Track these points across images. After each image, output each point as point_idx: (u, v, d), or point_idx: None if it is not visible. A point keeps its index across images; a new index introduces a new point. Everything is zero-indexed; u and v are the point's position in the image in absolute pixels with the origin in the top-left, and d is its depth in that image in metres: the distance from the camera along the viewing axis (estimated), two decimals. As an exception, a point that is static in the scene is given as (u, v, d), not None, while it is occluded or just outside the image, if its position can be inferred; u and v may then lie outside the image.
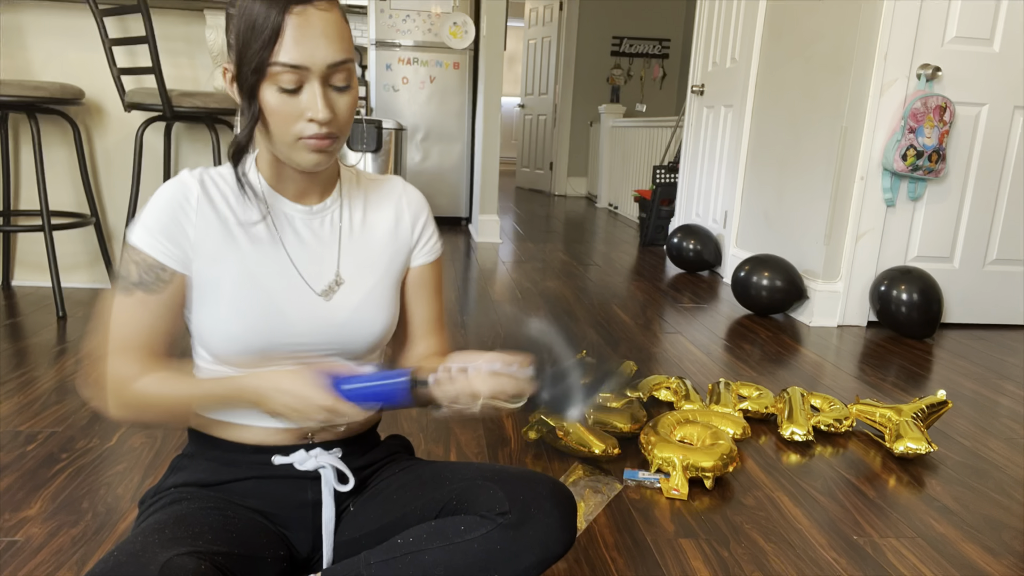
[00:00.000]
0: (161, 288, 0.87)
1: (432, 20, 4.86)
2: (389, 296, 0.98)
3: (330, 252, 0.93)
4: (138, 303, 0.87)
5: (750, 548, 1.32)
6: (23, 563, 1.16)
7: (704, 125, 4.19)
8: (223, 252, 0.88)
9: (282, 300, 0.89)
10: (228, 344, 0.88)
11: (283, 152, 0.85)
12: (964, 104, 2.80)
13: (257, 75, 0.79)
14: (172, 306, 0.88)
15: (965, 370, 2.44)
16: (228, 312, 0.88)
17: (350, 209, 0.96)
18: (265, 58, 0.78)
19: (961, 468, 1.70)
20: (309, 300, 0.91)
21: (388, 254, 0.98)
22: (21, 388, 1.87)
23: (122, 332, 0.87)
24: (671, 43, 7.66)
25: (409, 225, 1.00)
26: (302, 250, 0.92)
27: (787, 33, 3.28)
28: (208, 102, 2.50)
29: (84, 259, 2.91)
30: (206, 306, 0.88)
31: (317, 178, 0.93)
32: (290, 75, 0.79)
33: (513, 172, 9.23)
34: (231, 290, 0.88)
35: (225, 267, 0.88)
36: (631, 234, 5.30)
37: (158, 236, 0.86)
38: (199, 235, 0.87)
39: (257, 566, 0.84)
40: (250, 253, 0.89)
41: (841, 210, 2.87)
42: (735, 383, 2.07)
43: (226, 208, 0.89)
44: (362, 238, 0.96)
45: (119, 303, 0.87)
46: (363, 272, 0.95)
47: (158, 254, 0.86)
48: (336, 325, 0.92)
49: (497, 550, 0.82)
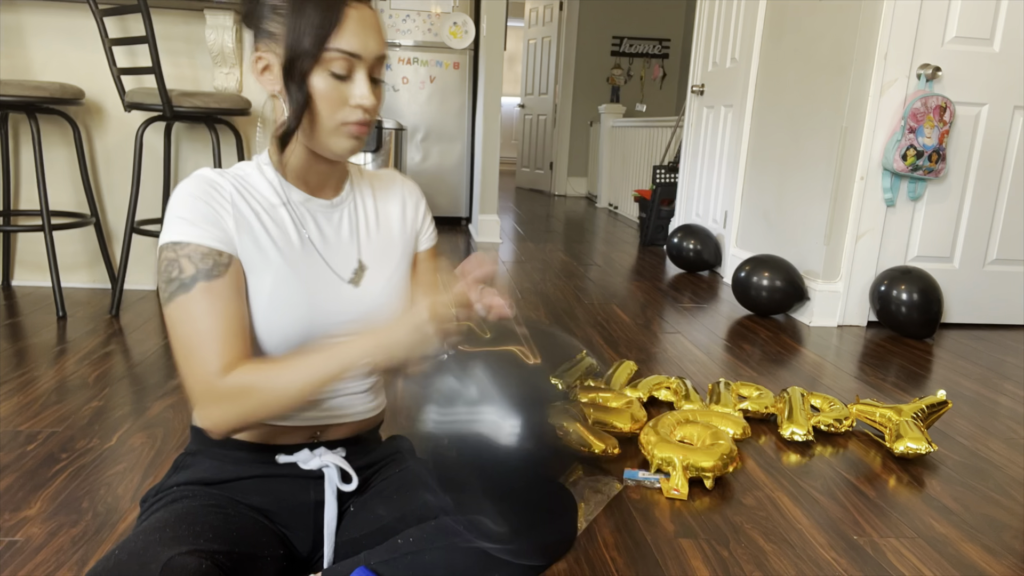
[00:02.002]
0: (221, 271, 0.83)
1: (432, 20, 4.86)
2: (406, 280, 1.01)
3: (350, 242, 0.96)
4: (203, 294, 0.81)
5: (750, 548, 1.32)
6: (23, 563, 1.16)
7: (704, 125, 4.19)
8: (259, 244, 0.88)
9: (317, 290, 0.91)
10: (266, 336, 0.88)
11: (321, 139, 0.86)
12: (964, 104, 2.80)
13: (313, 60, 0.82)
14: (238, 288, 0.85)
15: (965, 370, 2.43)
16: (267, 304, 0.87)
17: (363, 200, 1.00)
18: (323, 44, 0.81)
19: (961, 468, 1.70)
20: (340, 288, 0.93)
21: (400, 240, 1.02)
22: (21, 388, 1.87)
23: (210, 330, 0.80)
24: (671, 43, 7.66)
25: (413, 212, 1.05)
26: (325, 242, 0.94)
27: (787, 33, 3.28)
28: (208, 102, 2.50)
29: (84, 259, 2.91)
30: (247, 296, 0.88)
31: (334, 172, 0.95)
32: (343, 62, 0.83)
33: (513, 172, 9.24)
34: (270, 282, 0.88)
35: (263, 259, 0.88)
36: (631, 234, 5.30)
37: (201, 224, 0.83)
38: (236, 226, 0.86)
39: (258, 565, 0.84)
40: (283, 246, 0.89)
41: (841, 210, 2.87)
42: (735, 383, 2.07)
43: (254, 203, 0.89)
44: (377, 228, 1.00)
45: (181, 306, 0.81)
46: (382, 259, 0.98)
47: (208, 240, 0.83)
48: (365, 311, 0.94)
49: (497, 550, 0.82)
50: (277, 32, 0.83)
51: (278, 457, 0.93)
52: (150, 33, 2.30)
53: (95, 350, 2.18)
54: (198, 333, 0.80)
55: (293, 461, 0.93)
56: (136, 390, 1.90)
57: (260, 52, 0.86)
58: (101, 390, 1.89)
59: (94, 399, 1.83)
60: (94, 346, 2.21)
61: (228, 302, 0.82)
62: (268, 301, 0.87)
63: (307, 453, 0.94)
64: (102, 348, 2.20)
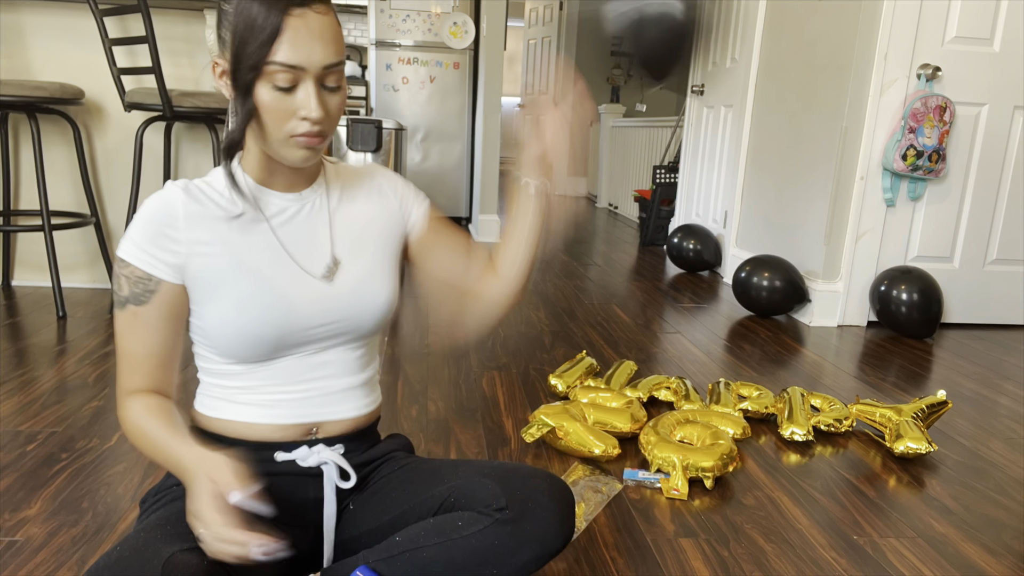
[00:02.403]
0: (153, 299, 0.87)
1: (432, 20, 4.86)
2: (387, 270, 0.99)
3: (322, 235, 0.95)
4: (132, 317, 0.88)
5: (750, 548, 1.32)
6: (23, 563, 1.16)
7: (704, 125, 4.19)
8: (219, 251, 0.88)
9: (285, 288, 0.90)
10: (239, 340, 0.89)
11: (273, 148, 0.86)
12: (964, 104, 2.80)
13: (253, 73, 0.80)
14: (169, 316, 0.89)
15: (965, 370, 2.43)
16: (234, 308, 0.88)
17: (336, 195, 0.98)
18: (263, 57, 0.79)
19: (961, 468, 1.70)
20: (310, 284, 0.92)
21: (377, 228, 1.00)
22: (21, 388, 1.87)
23: (128, 349, 0.89)
24: (671, 43, 7.65)
25: (390, 197, 1.02)
26: (295, 238, 0.93)
27: (787, 33, 3.28)
28: (208, 102, 2.50)
29: (84, 259, 2.91)
30: (211, 305, 0.88)
31: (301, 171, 0.94)
32: (286, 74, 0.81)
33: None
34: (234, 286, 0.88)
35: (224, 265, 0.88)
36: (631, 234, 5.30)
37: (145, 247, 0.87)
38: (191, 238, 0.87)
39: (258, 562, 0.84)
40: (246, 248, 0.89)
41: (841, 210, 2.87)
42: (735, 383, 2.07)
43: (215, 207, 0.90)
44: (350, 219, 0.98)
45: (117, 319, 0.89)
46: (357, 250, 0.97)
47: (145, 265, 0.87)
48: (341, 305, 0.94)
49: (495, 545, 0.82)
50: (227, 39, 0.82)
51: (276, 454, 0.93)
52: (150, 33, 2.30)
53: (95, 350, 2.18)
54: (120, 350, 0.90)
55: (291, 459, 0.93)
56: (136, 390, 1.90)
57: (217, 57, 0.86)
58: (101, 390, 1.89)
59: (94, 399, 1.83)
60: (94, 346, 2.21)
61: (152, 330, 0.88)
62: (237, 307, 0.88)
63: (305, 450, 0.94)
64: (102, 348, 2.20)
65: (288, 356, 0.93)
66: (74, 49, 2.75)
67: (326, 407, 0.96)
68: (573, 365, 2.10)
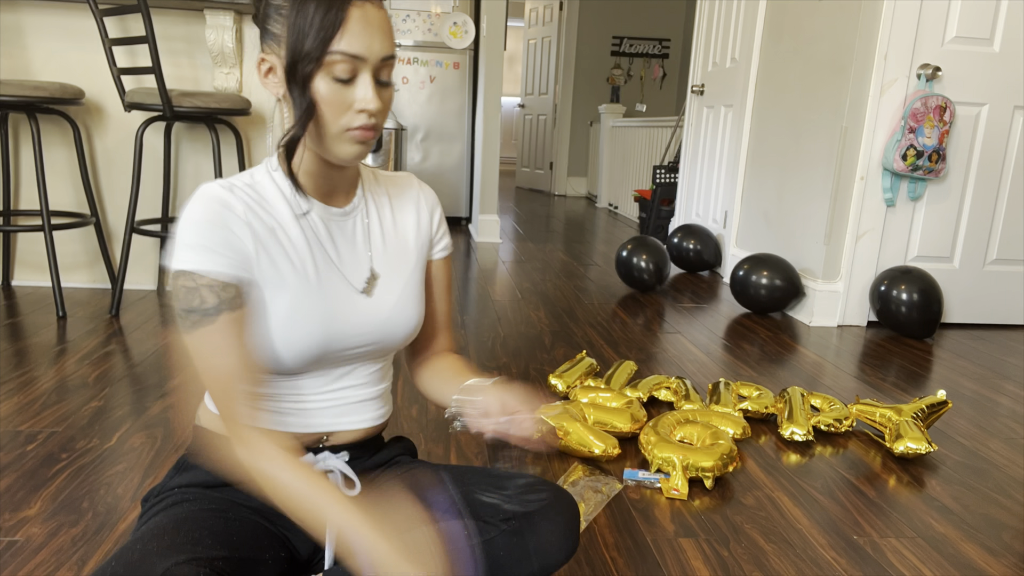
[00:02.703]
0: (243, 301, 0.83)
1: (432, 20, 4.86)
2: (419, 290, 1.00)
3: (362, 250, 0.94)
4: (228, 325, 0.81)
5: (750, 548, 1.32)
6: (23, 563, 1.16)
7: (704, 125, 4.19)
8: (276, 261, 0.86)
9: (333, 301, 0.89)
10: (284, 350, 0.86)
11: (326, 144, 0.84)
12: (964, 104, 2.80)
13: (315, 64, 0.79)
14: (257, 313, 0.85)
15: (965, 370, 2.43)
16: (287, 318, 0.86)
17: (376, 207, 0.98)
18: (326, 47, 0.79)
19: (961, 468, 1.70)
20: (354, 299, 0.91)
21: (414, 249, 1.00)
22: (21, 388, 1.87)
23: (221, 364, 0.81)
24: (671, 43, 7.66)
25: (428, 220, 1.02)
26: (337, 250, 0.92)
27: (787, 33, 3.28)
28: (208, 102, 2.50)
29: (84, 259, 2.91)
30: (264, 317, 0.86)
31: (344, 177, 0.92)
32: (347, 65, 0.80)
33: (513, 172, 9.24)
34: (289, 298, 0.86)
35: (280, 276, 0.86)
36: (631, 234, 5.30)
37: (218, 249, 0.81)
38: (254, 247, 0.85)
39: (258, 568, 0.84)
40: (298, 258, 0.88)
41: (841, 210, 2.87)
42: (735, 383, 2.07)
43: (266, 215, 0.87)
44: (391, 235, 0.98)
45: (206, 336, 0.80)
46: (396, 268, 0.97)
47: (227, 267, 0.82)
48: (380, 321, 0.93)
49: (500, 556, 0.82)
50: (279, 33, 0.81)
51: None
52: (150, 33, 2.30)
53: (95, 350, 2.18)
54: (223, 366, 0.81)
55: None
56: (136, 390, 1.90)
57: (264, 54, 0.84)
58: (101, 390, 1.89)
59: (94, 399, 1.83)
60: (94, 346, 2.21)
61: (249, 333, 0.84)
62: (287, 317, 0.86)
63: (311, 457, 0.93)
64: (102, 348, 2.20)
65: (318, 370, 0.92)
66: (74, 49, 2.75)
67: (340, 418, 0.95)
68: (573, 365, 2.10)
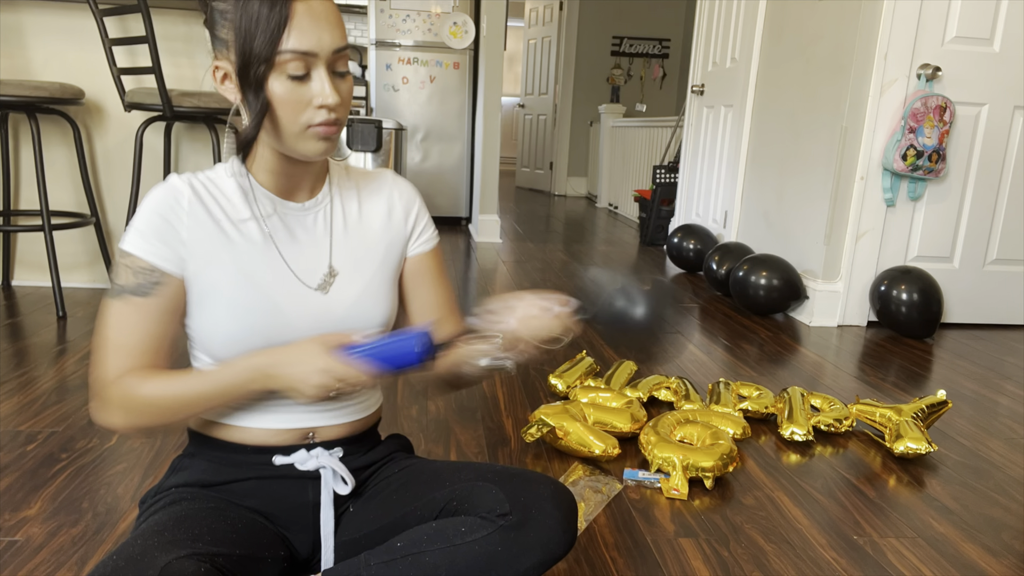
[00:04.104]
0: (156, 291, 0.86)
1: (432, 20, 4.86)
2: (387, 288, 0.98)
3: (322, 247, 0.93)
4: (134, 309, 0.86)
5: (750, 548, 1.32)
6: (23, 563, 1.16)
7: (704, 125, 4.19)
8: (218, 253, 0.87)
9: (279, 298, 0.89)
10: (229, 346, 0.88)
11: (289, 143, 0.84)
12: (964, 104, 2.80)
13: (265, 66, 0.79)
14: (169, 310, 0.88)
15: (965, 370, 2.43)
16: (226, 313, 0.87)
17: (342, 203, 0.97)
18: (274, 47, 0.78)
19: (961, 468, 1.70)
20: (305, 296, 0.91)
21: (383, 246, 0.98)
22: (21, 388, 1.87)
23: (120, 339, 0.86)
24: (671, 43, 7.66)
25: (402, 216, 1.01)
26: (294, 247, 0.92)
27: (787, 33, 3.28)
28: (208, 102, 2.50)
29: (84, 259, 2.92)
30: (204, 309, 0.88)
31: (309, 173, 0.92)
32: (299, 62, 0.80)
33: (513, 172, 9.23)
34: (229, 291, 0.87)
35: (221, 268, 0.87)
36: (631, 234, 5.30)
37: (151, 239, 0.85)
38: (192, 236, 0.87)
39: (258, 567, 0.84)
40: (244, 253, 0.89)
41: (841, 210, 2.87)
42: (735, 383, 2.07)
43: (217, 209, 0.89)
44: (356, 231, 0.97)
45: (115, 310, 0.86)
46: (359, 265, 0.95)
47: (152, 257, 0.85)
48: (335, 319, 0.92)
49: (498, 552, 0.82)
50: (227, 38, 0.81)
51: (275, 458, 0.93)
52: (150, 33, 2.30)
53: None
54: (111, 339, 0.86)
55: (290, 463, 0.93)
56: (136, 390, 1.90)
57: (216, 61, 0.84)
58: (101, 390, 1.89)
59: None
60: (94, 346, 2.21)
61: (154, 324, 0.87)
62: (229, 314, 0.87)
63: (304, 454, 0.93)
64: (102, 348, 2.20)
65: None
66: (74, 49, 2.75)
67: (321, 412, 0.95)
68: (573, 365, 2.10)
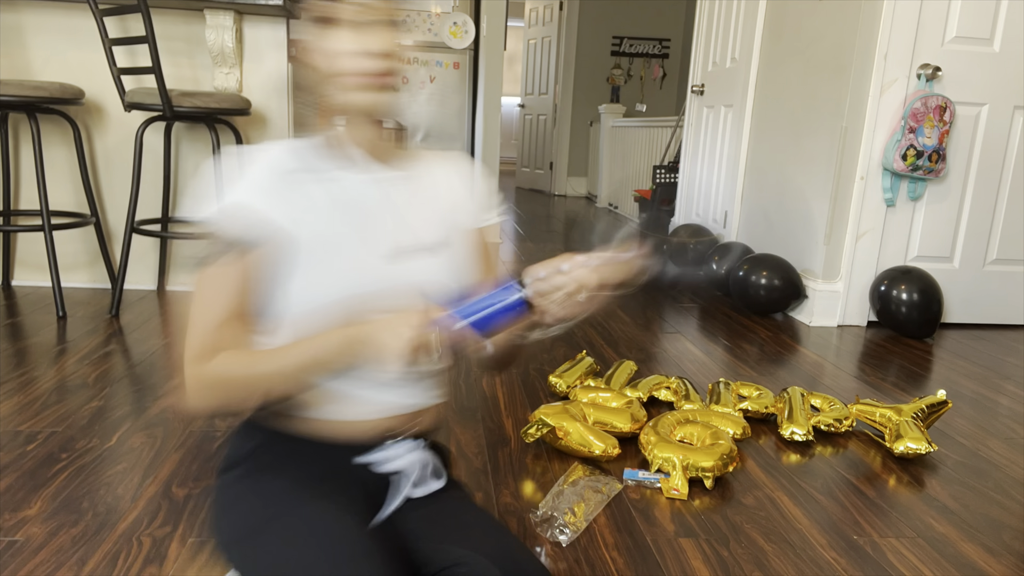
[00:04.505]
0: (264, 243, 0.84)
1: (432, 20, 4.87)
2: (462, 260, 0.98)
3: (402, 217, 0.93)
4: (235, 264, 0.83)
5: (750, 548, 1.32)
6: (23, 563, 1.16)
7: (704, 125, 4.19)
8: (311, 218, 0.87)
9: (373, 261, 0.89)
10: (323, 311, 0.85)
11: (348, 97, 0.88)
12: (964, 104, 2.80)
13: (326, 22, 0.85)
14: (269, 272, 0.85)
15: (965, 370, 2.43)
16: (314, 280, 0.86)
17: (413, 176, 0.97)
18: None
19: (961, 468, 1.70)
20: (379, 267, 0.90)
21: (451, 218, 0.98)
22: (21, 388, 1.87)
23: (211, 304, 0.82)
24: (671, 43, 7.66)
25: (467, 185, 1.02)
26: (372, 216, 0.91)
27: (787, 33, 3.28)
28: (208, 102, 2.50)
29: (84, 259, 2.91)
30: (300, 272, 0.86)
31: (379, 142, 0.93)
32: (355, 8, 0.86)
33: (513, 172, 9.23)
34: (321, 256, 0.86)
35: (314, 234, 0.86)
36: (631, 234, 5.30)
37: (262, 194, 0.85)
38: (296, 196, 0.86)
39: None
40: (335, 219, 0.88)
41: (841, 210, 2.87)
42: (735, 383, 2.07)
43: (304, 175, 0.89)
44: (427, 203, 0.97)
45: (210, 271, 0.83)
46: (431, 235, 0.95)
47: (264, 207, 0.84)
48: (412, 289, 0.90)
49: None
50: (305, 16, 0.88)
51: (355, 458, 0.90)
52: (150, 33, 2.30)
53: (95, 350, 2.18)
54: (209, 305, 0.82)
55: (371, 460, 0.90)
56: (136, 390, 1.90)
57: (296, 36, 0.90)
58: (101, 390, 1.89)
59: (94, 399, 1.83)
60: (94, 346, 2.21)
61: (255, 280, 0.84)
62: (315, 275, 0.86)
63: (387, 452, 0.91)
64: (102, 348, 2.20)
65: None
66: (74, 49, 2.75)
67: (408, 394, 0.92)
68: (573, 365, 2.10)
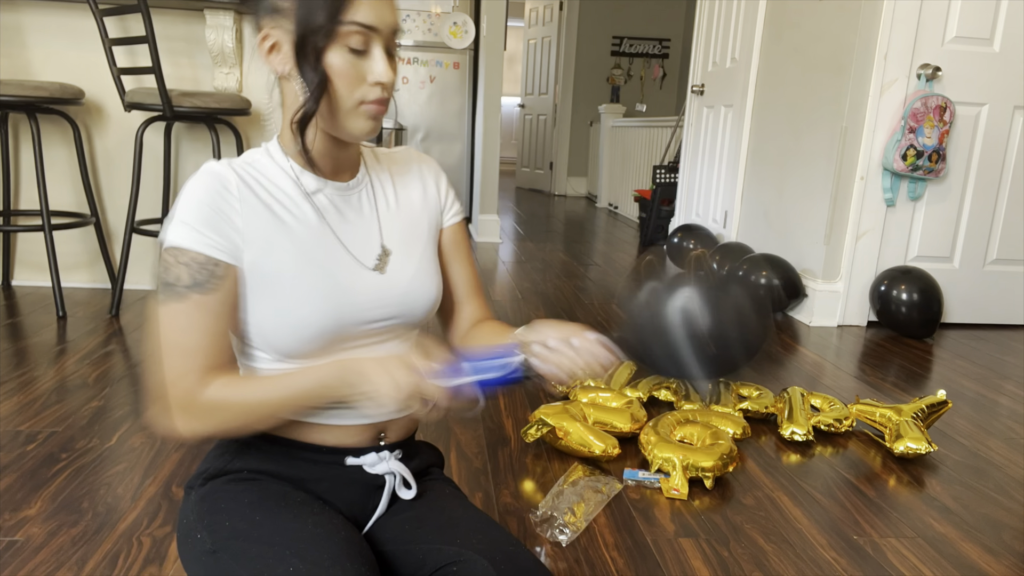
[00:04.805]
0: (217, 285, 0.81)
1: (432, 20, 4.87)
2: (435, 262, 0.98)
3: (371, 226, 0.92)
4: (195, 307, 0.80)
5: (750, 548, 1.32)
6: (23, 563, 1.16)
7: (704, 125, 4.19)
8: (275, 238, 0.84)
9: (343, 278, 0.87)
10: (298, 333, 0.84)
11: (338, 119, 0.83)
12: (964, 104, 2.80)
13: (328, 36, 0.78)
14: (229, 304, 0.83)
15: (965, 370, 2.43)
16: (293, 300, 0.84)
17: (380, 182, 0.96)
18: (339, 17, 0.77)
19: (961, 468, 1.70)
20: (365, 275, 0.89)
21: (424, 220, 0.98)
22: (21, 388, 1.87)
23: (182, 341, 0.80)
24: (671, 43, 7.66)
25: (434, 188, 1.01)
26: (346, 227, 0.89)
27: (787, 33, 3.28)
28: (208, 102, 2.50)
29: (84, 259, 2.91)
30: (266, 299, 0.84)
31: (348, 156, 0.91)
32: (360, 36, 0.79)
33: (513, 172, 9.23)
34: (292, 276, 0.84)
35: (281, 253, 0.84)
36: (631, 234, 5.30)
37: (203, 230, 0.80)
38: (247, 223, 0.82)
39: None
40: (301, 235, 0.85)
41: (841, 210, 2.87)
42: (735, 383, 2.07)
43: (265, 192, 0.85)
44: (399, 208, 0.96)
45: (173, 312, 0.80)
46: (408, 241, 0.95)
47: (208, 249, 0.80)
48: (397, 296, 0.91)
49: None
50: (285, 6, 0.79)
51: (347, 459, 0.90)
52: (150, 33, 2.30)
53: (95, 350, 2.18)
54: (184, 344, 0.81)
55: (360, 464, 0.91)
56: (136, 390, 1.90)
57: (266, 30, 0.81)
58: (101, 390, 1.89)
59: (94, 399, 1.83)
60: (94, 346, 2.21)
61: (217, 320, 0.82)
62: (293, 294, 0.84)
63: (375, 456, 0.91)
64: (102, 348, 2.20)
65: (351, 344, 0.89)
66: (74, 49, 2.75)
67: None
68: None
